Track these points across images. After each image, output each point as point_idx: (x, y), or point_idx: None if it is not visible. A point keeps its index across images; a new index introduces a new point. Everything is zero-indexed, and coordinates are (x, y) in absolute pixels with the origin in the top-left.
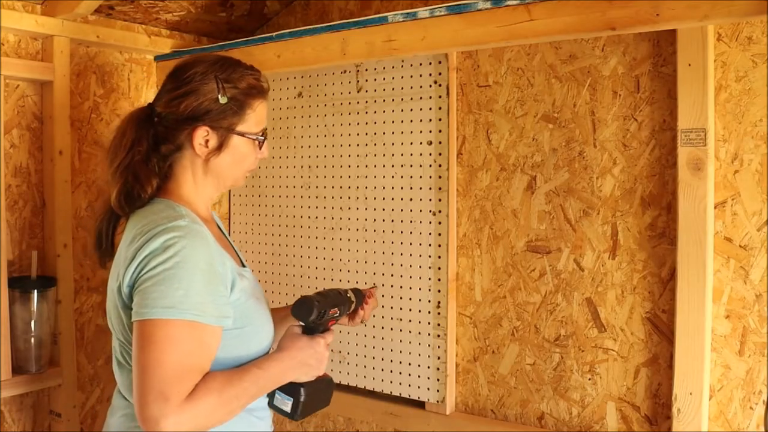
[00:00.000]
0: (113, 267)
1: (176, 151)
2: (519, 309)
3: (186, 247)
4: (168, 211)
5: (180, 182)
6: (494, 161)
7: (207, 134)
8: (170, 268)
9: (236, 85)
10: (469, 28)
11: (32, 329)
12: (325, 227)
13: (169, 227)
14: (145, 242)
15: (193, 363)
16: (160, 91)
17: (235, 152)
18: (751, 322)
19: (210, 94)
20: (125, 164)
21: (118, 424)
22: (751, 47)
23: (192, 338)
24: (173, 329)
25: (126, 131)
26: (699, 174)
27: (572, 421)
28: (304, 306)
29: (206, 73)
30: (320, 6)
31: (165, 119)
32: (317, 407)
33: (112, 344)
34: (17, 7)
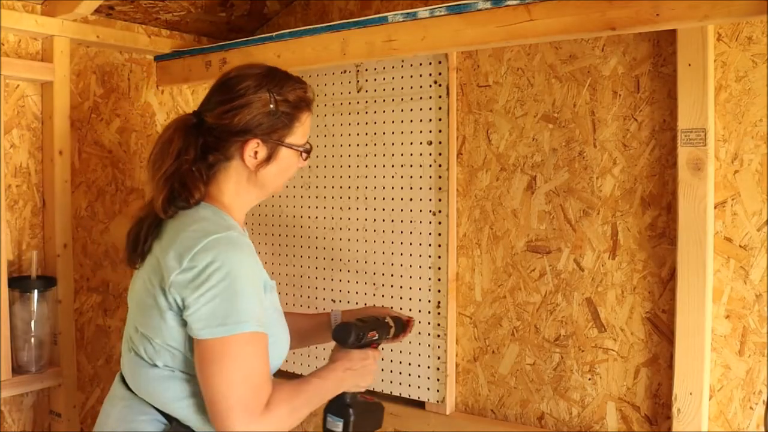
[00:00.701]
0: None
1: (224, 161)
2: (519, 309)
3: (239, 261)
4: (216, 219)
5: (222, 189)
6: (494, 161)
7: (257, 146)
8: (230, 284)
9: (287, 98)
10: (469, 28)
11: (32, 329)
12: (325, 227)
13: (222, 239)
14: (196, 252)
15: (264, 372)
16: (208, 100)
17: (281, 163)
18: (751, 322)
19: (263, 108)
20: (171, 171)
21: (122, 416)
22: (751, 47)
23: (260, 349)
24: (244, 343)
25: (173, 139)
26: (699, 174)
27: (572, 421)
28: (343, 331)
29: (259, 86)
30: (320, 6)
31: (216, 130)
32: (369, 429)
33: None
34: (17, 7)
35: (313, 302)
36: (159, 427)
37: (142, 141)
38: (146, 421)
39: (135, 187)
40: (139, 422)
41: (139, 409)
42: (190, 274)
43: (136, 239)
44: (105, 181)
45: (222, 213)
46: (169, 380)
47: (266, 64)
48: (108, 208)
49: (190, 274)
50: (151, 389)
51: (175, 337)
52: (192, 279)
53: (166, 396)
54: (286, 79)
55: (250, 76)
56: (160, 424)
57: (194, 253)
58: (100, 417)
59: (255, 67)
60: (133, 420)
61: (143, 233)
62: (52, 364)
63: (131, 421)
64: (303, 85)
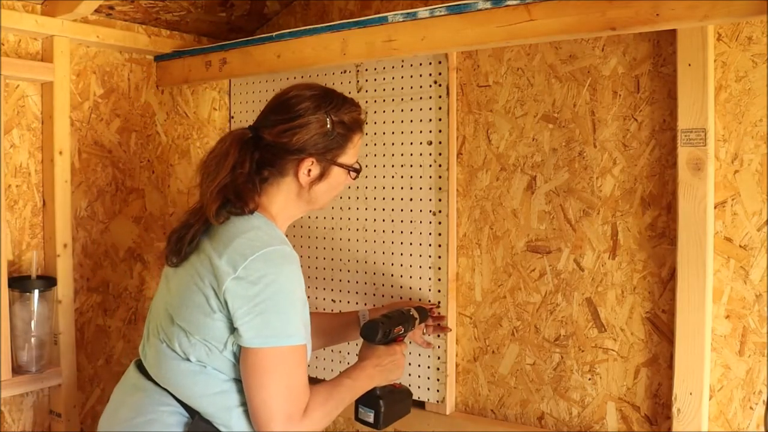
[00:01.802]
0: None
1: (277, 176)
2: (519, 309)
3: (291, 275)
4: (269, 230)
5: (272, 200)
6: (494, 161)
7: (311, 165)
8: (282, 298)
9: (343, 119)
10: (469, 28)
11: (32, 329)
12: (325, 227)
13: (277, 251)
14: (252, 260)
15: (304, 381)
16: (266, 118)
17: (332, 181)
18: (751, 322)
19: (320, 129)
20: (226, 183)
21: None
22: (751, 47)
23: (302, 359)
24: (290, 354)
25: (229, 152)
26: (699, 174)
27: (572, 421)
28: (371, 329)
29: (318, 108)
30: (320, 6)
31: (273, 147)
32: (398, 416)
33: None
34: (17, 7)
35: (313, 302)
36: (180, 419)
37: (142, 141)
38: (167, 412)
39: (135, 187)
40: (159, 413)
41: (158, 400)
42: (244, 282)
43: (181, 241)
44: (105, 181)
45: (273, 225)
46: (198, 375)
47: (323, 86)
48: (108, 208)
49: (244, 282)
50: (179, 382)
51: (217, 336)
52: (246, 289)
53: (193, 390)
54: (343, 102)
55: (308, 97)
56: (181, 416)
57: (249, 261)
58: (110, 405)
59: (313, 87)
60: (153, 410)
61: (189, 236)
62: (52, 364)
63: (150, 411)
64: (358, 108)
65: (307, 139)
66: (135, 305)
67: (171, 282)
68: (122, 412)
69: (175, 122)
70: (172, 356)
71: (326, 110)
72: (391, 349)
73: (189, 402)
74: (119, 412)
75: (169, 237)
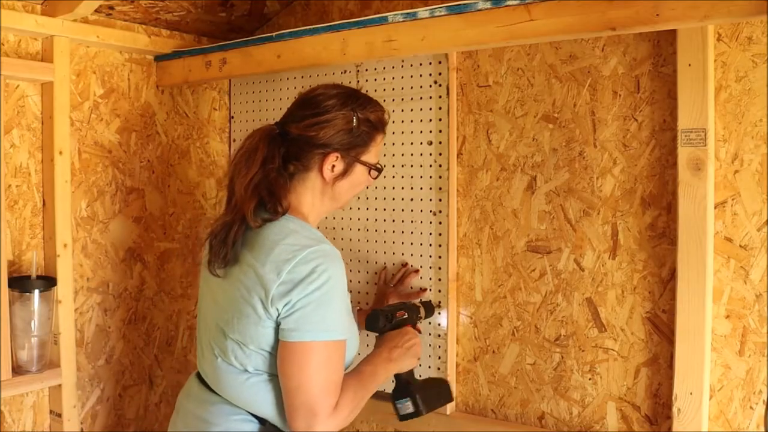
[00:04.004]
0: (244, 278)
1: (303, 171)
2: (519, 309)
3: (334, 272)
4: (306, 232)
5: (301, 200)
6: (494, 161)
7: (336, 160)
8: (325, 293)
9: (368, 117)
10: (469, 28)
11: (32, 329)
12: (325, 227)
13: (318, 251)
14: (296, 264)
15: (339, 378)
16: (293, 114)
17: (354, 178)
18: (751, 322)
19: (346, 125)
20: (259, 179)
21: (213, 417)
22: (751, 47)
23: (340, 355)
24: (329, 350)
25: (258, 147)
26: (699, 174)
27: (572, 420)
28: (372, 318)
29: (344, 105)
30: (320, 6)
31: (299, 141)
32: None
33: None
34: (17, 7)
35: None
36: (254, 427)
37: (142, 141)
38: (240, 420)
39: (135, 187)
40: (233, 422)
41: (227, 410)
42: (289, 285)
43: (223, 244)
44: (105, 181)
45: (308, 225)
46: (259, 384)
47: (348, 86)
48: (108, 208)
49: (289, 285)
50: (241, 393)
51: (269, 341)
52: (291, 288)
53: (256, 399)
54: (368, 101)
55: (335, 95)
56: (253, 424)
57: (293, 265)
58: (179, 417)
59: (338, 87)
60: (225, 420)
61: (231, 238)
62: (52, 364)
63: (223, 422)
64: (382, 108)
65: (333, 134)
66: (135, 305)
67: (218, 296)
68: (194, 424)
69: (175, 122)
70: (230, 370)
71: (352, 107)
72: (402, 331)
73: (254, 411)
74: (191, 424)
75: (210, 241)
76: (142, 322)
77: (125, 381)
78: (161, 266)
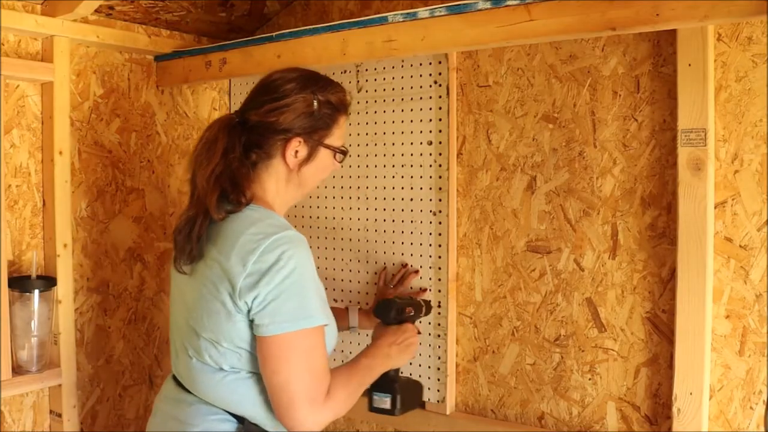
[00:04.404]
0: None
1: (265, 159)
2: (519, 309)
3: (300, 258)
4: (270, 220)
5: (266, 188)
6: (494, 161)
7: (299, 145)
8: (295, 281)
9: (329, 99)
10: (469, 28)
11: (32, 329)
12: (325, 227)
13: (283, 238)
14: (261, 254)
15: (325, 362)
16: (252, 100)
17: (319, 163)
18: (751, 322)
19: (306, 108)
20: (220, 170)
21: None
22: (751, 47)
23: (322, 340)
24: (309, 337)
25: (218, 137)
26: (699, 174)
27: (572, 421)
28: (385, 306)
29: (303, 87)
30: (320, 6)
31: (259, 128)
32: (412, 405)
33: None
34: (17, 7)
35: None
36: (232, 426)
37: (142, 141)
38: (218, 420)
39: (135, 187)
40: (211, 422)
41: (207, 410)
42: (256, 276)
43: (188, 239)
44: (105, 181)
45: (272, 213)
46: (237, 382)
47: (307, 69)
48: (108, 208)
49: (256, 276)
50: (219, 393)
51: (243, 337)
52: (258, 279)
53: (233, 398)
54: (328, 83)
55: (293, 78)
56: (231, 423)
57: (258, 255)
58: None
59: (297, 70)
60: (202, 420)
61: (195, 233)
62: (52, 364)
63: (200, 422)
64: (343, 89)
65: (294, 118)
66: (135, 305)
67: (186, 295)
68: (171, 425)
69: (175, 122)
70: (205, 369)
71: (312, 90)
72: (403, 327)
73: (232, 410)
74: (168, 425)
75: (175, 237)
76: (142, 322)
77: (125, 381)
78: (161, 266)
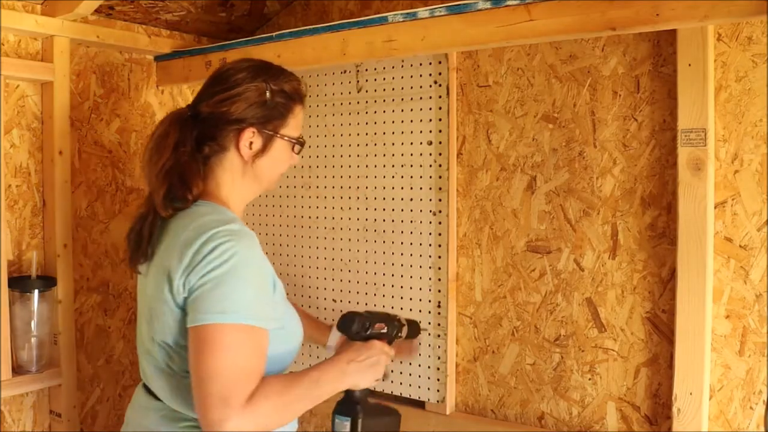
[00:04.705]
0: (156, 272)
1: (219, 152)
2: (519, 309)
3: (240, 252)
4: (216, 215)
5: (219, 183)
6: (494, 161)
7: (253, 135)
8: (225, 273)
9: (283, 88)
10: (469, 28)
11: (32, 329)
12: (325, 227)
13: (222, 231)
14: (198, 247)
15: (250, 366)
16: (204, 92)
17: (275, 155)
18: (751, 322)
19: (259, 97)
20: (170, 165)
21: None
22: (751, 47)
23: (248, 341)
24: (231, 333)
25: (169, 132)
26: (699, 174)
27: (572, 421)
28: (348, 319)
29: (255, 76)
30: (320, 6)
31: (212, 119)
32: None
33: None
34: (17, 7)
35: (313, 302)
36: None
37: (142, 141)
38: (187, 427)
39: (135, 187)
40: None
41: (175, 416)
42: (190, 268)
43: (139, 237)
44: (105, 181)
45: (221, 208)
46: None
47: (259, 59)
48: (108, 208)
49: (190, 268)
50: (180, 398)
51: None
52: (191, 271)
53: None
54: (281, 72)
55: (245, 68)
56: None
57: (195, 248)
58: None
59: (249, 60)
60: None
61: (146, 230)
62: (52, 364)
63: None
64: (297, 78)
65: (246, 107)
66: (135, 305)
67: (142, 298)
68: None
69: None
70: (165, 374)
71: (264, 79)
72: (369, 344)
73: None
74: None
75: (128, 237)
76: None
77: (125, 381)
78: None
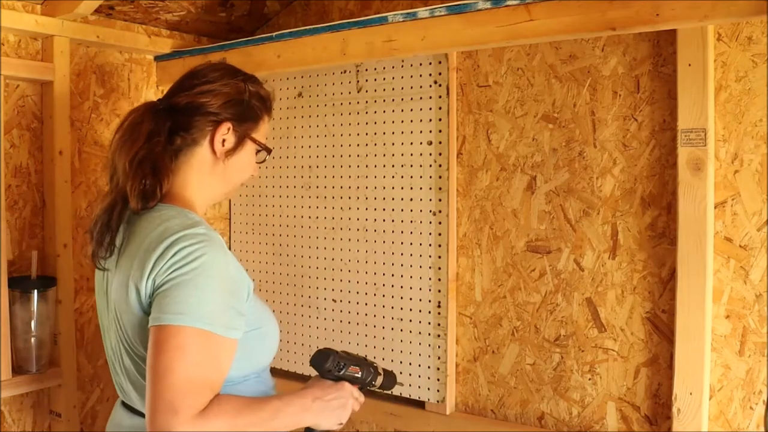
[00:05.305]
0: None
1: (191, 145)
2: (519, 309)
3: (205, 255)
4: (181, 218)
5: (186, 182)
6: (494, 161)
7: (228, 132)
8: (186, 276)
9: (259, 92)
10: (469, 28)
11: (32, 329)
12: (325, 227)
13: (188, 234)
14: (163, 250)
15: (203, 375)
16: (180, 85)
17: (243, 158)
18: (751, 322)
19: (238, 94)
20: (143, 155)
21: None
22: (751, 47)
23: (202, 348)
24: (184, 337)
25: (144, 120)
26: (699, 174)
27: (572, 421)
28: (321, 355)
29: (234, 75)
30: (320, 6)
31: (188, 110)
32: None
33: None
34: (17, 7)
35: (313, 302)
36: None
37: None
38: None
39: None
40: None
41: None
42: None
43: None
44: (105, 181)
45: (185, 210)
46: None
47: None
48: None
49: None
50: None
51: None
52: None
53: None
54: (255, 79)
55: (222, 67)
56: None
57: (159, 253)
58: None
59: (224, 64)
60: None
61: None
62: (52, 364)
63: None
64: (268, 90)
65: (225, 102)
66: None
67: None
68: None
69: None
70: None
71: (243, 79)
72: (339, 385)
73: None
74: None
75: (91, 230)
76: None
77: None
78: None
